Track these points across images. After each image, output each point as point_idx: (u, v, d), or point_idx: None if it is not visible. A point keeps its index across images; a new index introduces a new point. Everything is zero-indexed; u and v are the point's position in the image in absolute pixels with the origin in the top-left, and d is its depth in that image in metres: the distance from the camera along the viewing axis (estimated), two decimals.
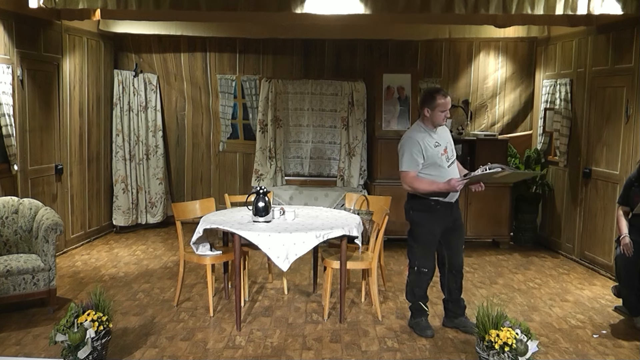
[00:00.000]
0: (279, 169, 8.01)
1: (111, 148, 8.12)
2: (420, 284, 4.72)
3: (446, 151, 4.61)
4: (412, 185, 4.55)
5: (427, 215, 4.62)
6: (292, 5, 5.55)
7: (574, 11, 5.49)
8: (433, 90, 4.64)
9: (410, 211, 4.72)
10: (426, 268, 4.68)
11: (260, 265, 6.61)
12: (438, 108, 4.51)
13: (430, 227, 4.63)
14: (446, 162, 4.59)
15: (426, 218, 4.63)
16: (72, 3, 5.45)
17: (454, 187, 4.42)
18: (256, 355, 4.30)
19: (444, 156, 4.59)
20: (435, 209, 4.60)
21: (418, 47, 8.32)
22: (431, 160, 4.53)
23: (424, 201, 4.60)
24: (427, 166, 4.54)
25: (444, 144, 4.62)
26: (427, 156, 4.51)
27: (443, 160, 4.57)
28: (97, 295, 4.09)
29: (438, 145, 4.57)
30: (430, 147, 4.53)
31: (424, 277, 4.70)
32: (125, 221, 8.14)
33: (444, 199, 4.59)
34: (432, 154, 4.53)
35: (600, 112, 6.57)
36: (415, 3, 5.53)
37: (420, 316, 4.77)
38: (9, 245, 5.30)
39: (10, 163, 5.91)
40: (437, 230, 4.64)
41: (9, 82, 5.81)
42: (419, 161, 4.51)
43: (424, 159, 4.52)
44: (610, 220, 6.27)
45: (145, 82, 8.27)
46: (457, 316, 4.86)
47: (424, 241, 4.67)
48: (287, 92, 8.06)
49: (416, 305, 4.76)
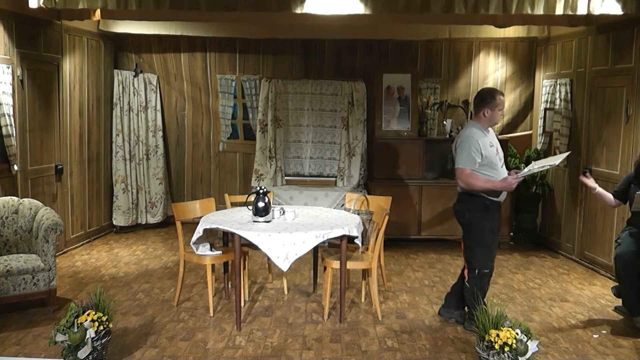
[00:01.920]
0: (279, 169, 8.01)
1: (111, 148, 8.13)
2: (482, 286, 4.68)
3: (498, 152, 4.70)
4: (468, 182, 4.55)
5: (485, 214, 4.64)
6: (292, 5, 5.56)
7: (574, 11, 5.49)
8: (492, 90, 4.72)
9: (466, 213, 4.69)
10: (487, 269, 4.67)
11: (260, 265, 6.61)
12: (498, 107, 4.62)
13: (491, 226, 4.66)
14: (499, 162, 4.67)
15: (485, 217, 4.64)
16: (72, 3, 5.45)
17: (510, 184, 4.48)
18: (256, 355, 4.30)
19: (497, 156, 4.67)
20: (491, 207, 4.65)
21: (418, 47, 8.32)
22: (488, 160, 4.58)
23: (481, 200, 4.62)
24: (483, 165, 4.58)
25: (496, 145, 4.72)
26: (484, 155, 4.56)
27: (497, 160, 4.65)
28: (97, 295, 4.09)
29: (492, 145, 4.66)
30: (487, 147, 4.60)
31: (486, 279, 4.69)
32: (125, 221, 8.14)
33: (497, 198, 4.65)
34: (489, 154, 4.59)
35: (600, 112, 6.57)
36: (415, 3, 5.53)
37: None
38: (9, 245, 5.30)
39: (10, 163, 5.91)
40: (495, 228, 4.71)
41: (9, 82, 5.81)
42: (476, 159, 4.54)
43: (482, 158, 4.56)
44: (610, 220, 6.27)
45: (145, 82, 8.27)
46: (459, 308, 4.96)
47: (485, 241, 4.65)
48: (287, 92, 8.06)
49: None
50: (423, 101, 7.89)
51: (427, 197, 7.47)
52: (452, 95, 8.32)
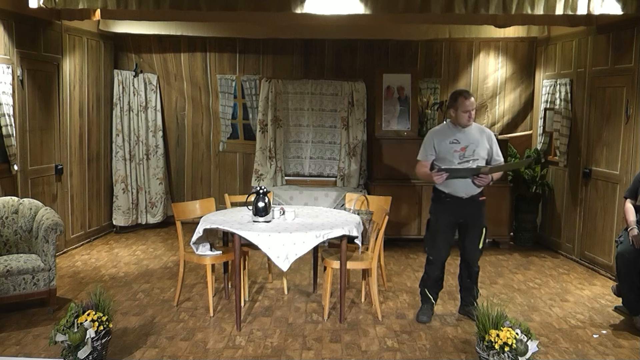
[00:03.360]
0: (279, 169, 8.01)
1: (111, 148, 8.12)
2: (428, 271, 5.02)
3: (464, 149, 4.77)
4: (416, 171, 5.02)
5: (436, 205, 4.98)
6: (292, 5, 5.55)
7: (574, 11, 5.49)
8: (457, 92, 4.89)
9: (430, 202, 5.07)
10: (432, 256, 4.98)
11: (260, 265, 6.61)
12: (461, 109, 4.74)
13: (438, 217, 4.94)
14: (458, 160, 4.77)
15: (436, 208, 4.98)
16: (72, 3, 5.46)
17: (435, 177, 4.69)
18: (256, 355, 4.30)
19: (458, 153, 4.77)
20: (444, 201, 4.88)
21: (418, 47, 8.32)
22: (442, 155, 4.81)
23: (437, 192, 4.95)
24: (438, 160, 4.84)
25: (466, 143, 4.79)
26: (438, 150, 4.82)
27: (455, 157, 4.77)
28: (97, 295, 4.09)
29: (456, 142, 4.79)
30: (444, 143, 4.81)
31: (431, 265, 4.99)
32: (125, 221, 8.14)
33: (449, 191, 4.83)
34: (443, 150, 4.81)
35: (600, 112, 6.57)
36: (415, 3, 5.53)
37: (424, 302, 5.06)
38: (9, 245, 5.30)
39: (10, 163, 5.91)
40: (444, 221, 4.90)
41: (9, 82, 5.81)
42: (427, 153, 4.87)
43: (435, 153, 4.82)
44: (610, 220, 6.27)
45: (145, 82, 8.27)
46: (467, 304, 5.06)
47: (432, 229, 4.98)
48: (287, 92, 8.06)
49: (422, 291, 5.08)
50: (423, 101, 7.89)
51: (427, 197, 7.42)
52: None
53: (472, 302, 4.99)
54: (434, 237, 4.95)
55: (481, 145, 4.82)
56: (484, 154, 4.84)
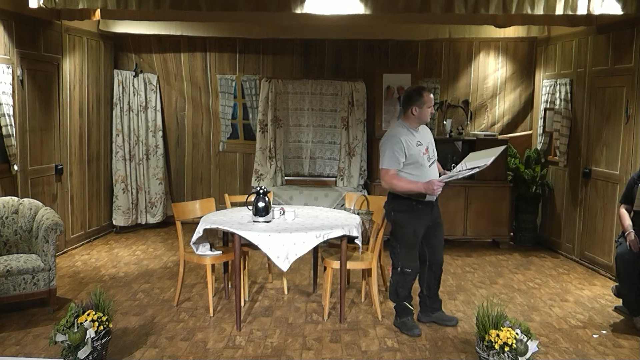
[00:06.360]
0: (279, 169, 8.01)
1: (111, 148, 8.12)
2: (404, 284, 4.72)
3: (427, 151, 4.64)
4: (391, 184, 4.53)
5: (409, 215, 4.62)
6: (292, 5, 5.55)
7: (574, 11, 5.49)
8: (418, 88, 4.65)
9: (391, 212, 4.70)
10: (409, 268, 4.68)
11: (260, 265, 6.61)
12: (426, 105, 4.55)
13: (414, 228, 4.63)
14: (427, 162, 4.62)
15: (408, 219, 4.62)
16: (72, 3, 5.45)
17: (432, 188, 4.39)
18: (256, 355, 4.30)
19: (425, 155, 4.61)
20: (417, 208, 4.60)
21: (418, 47, 8.32)
22: (413, 159, 4.54)
23: (406, 202, 4.60)
24: (409, 165, 4.54)
25: (426, 144, 4.65)
26: (409, 155, 4.52)
27: (425, 160, 4.60)
28: (97, 295, 4.09)
29: (420, 144, 4.59)
30: (412, 146, 4.54)
31: (408, 278, 4.71)
32: (125, 221, 8.14)
33: (425, 198, 4.59)
34: (414, 153, 4.54)
35: (600, 112, 6.57)
36: (415, 3, 5.53)
37: (406, 315, 4.79)
38: (9, 245, 5.30)
39: (10, 163, 5.91)
40: (420, 230, 4.66)
41: (9, 82, 5.81)
42: (400, 159, 4.51)
43: (406, 158, 4.52)
44: (610, 220, 6.27)
45: (145, 82, 8.27)
46: (435, 310, 4.94)
47: (408, 242, 4.66)
48: (287, 92, 8.06)
49: (401, 305, 4.77)
50: None
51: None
52: (452, 95, 8.32)
53: (440, 306, 4.95)
54: (410, 250, 4.65)
55: (433, 143, 4.76)
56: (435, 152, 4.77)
